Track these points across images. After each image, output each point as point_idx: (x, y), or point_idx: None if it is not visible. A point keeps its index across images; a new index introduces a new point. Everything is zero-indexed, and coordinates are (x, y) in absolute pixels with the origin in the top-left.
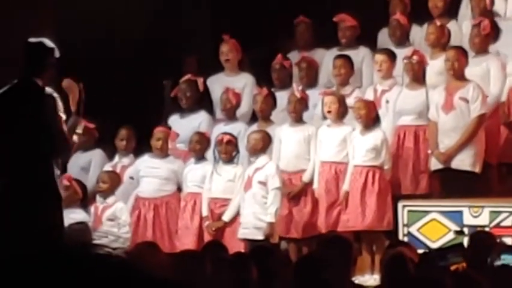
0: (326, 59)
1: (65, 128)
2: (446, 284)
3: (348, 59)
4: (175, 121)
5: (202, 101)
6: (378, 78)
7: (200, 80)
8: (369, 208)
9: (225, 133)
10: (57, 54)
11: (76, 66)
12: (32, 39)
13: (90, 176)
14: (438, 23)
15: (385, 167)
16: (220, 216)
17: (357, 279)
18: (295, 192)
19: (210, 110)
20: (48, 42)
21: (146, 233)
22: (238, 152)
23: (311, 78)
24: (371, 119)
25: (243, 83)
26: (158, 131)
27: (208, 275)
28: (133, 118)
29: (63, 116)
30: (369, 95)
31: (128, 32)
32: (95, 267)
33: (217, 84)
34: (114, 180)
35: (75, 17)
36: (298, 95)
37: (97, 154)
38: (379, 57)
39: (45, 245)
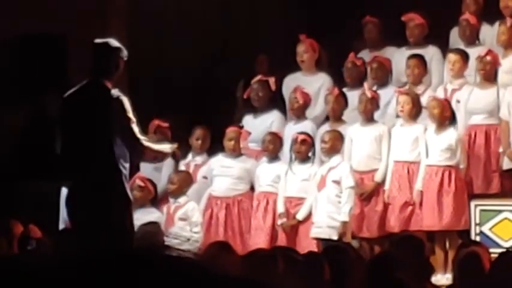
0: (395, 58)
1: (135, 129)
2: None
3: (421, 59)
4: (248, 121)
5: (275, 101)
6: (448, 78)
7: (272, 80)
8: (446, 208)
9: (301, 132)
10: (124, 54)
11: (150, 66)
12: (98, 40)
13: (163, 175)
14: (509, 22)
15: (461, 166)
16: (294, 215)
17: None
18: (368, 192)
19: (283, 110)
20: (114, 42)
21: (218, 232)
22: (314, 151)
23: (382, 78)
24: (445, 118)
25: (320, 83)
26: (230, 131)
27: (281, 274)
28: (205, 117)
29: (133, 118)
30: (439, 94)
31: (201, 31)
32: (165, 269)
33: (293, 84)
34: (184, 180)
35: (148, 15)
36: (369, 94)
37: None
38: (453, 57)
39: (114, 248)
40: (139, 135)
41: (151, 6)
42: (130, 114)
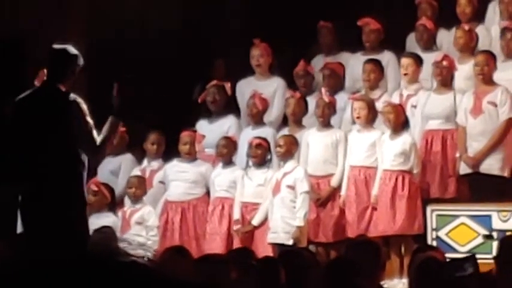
0: (351, 63)
1: (93, 131)
2: None
3: (377, 63)
4: (203, 126)
5: (230, 106)
6: (403, 83)
7: (228, 85)
8: (399, 212)
9: (256, 137)
10: (80, 61)
11: (106, 69)
12: (56, 46)
13: (120, 181)
14: (466, 27)
15: (414, 171)
16: (250, 221)
17: (386, 284)
18: (324, 197)
19: (238, 115)
20: (72, 49)
21: (174, 236)
22: (270, 156)
23: (335, 84)
24: (400, 123)
25: (274, 87)
26: (185, 136)
27: (234, 280)
28: (161, 122)
29: (90, 121)
30: (395, 100)
31: (157, 36)
32: (119, 274)
33: (247, 89)
34: (143, 184)
35: (107, 18)
36: (326, 99)
37: (127, 159)
38: (405, 61)
39: (69, 252)
40: (97, 140)
41: (111, 10)
42: (88, 118)
